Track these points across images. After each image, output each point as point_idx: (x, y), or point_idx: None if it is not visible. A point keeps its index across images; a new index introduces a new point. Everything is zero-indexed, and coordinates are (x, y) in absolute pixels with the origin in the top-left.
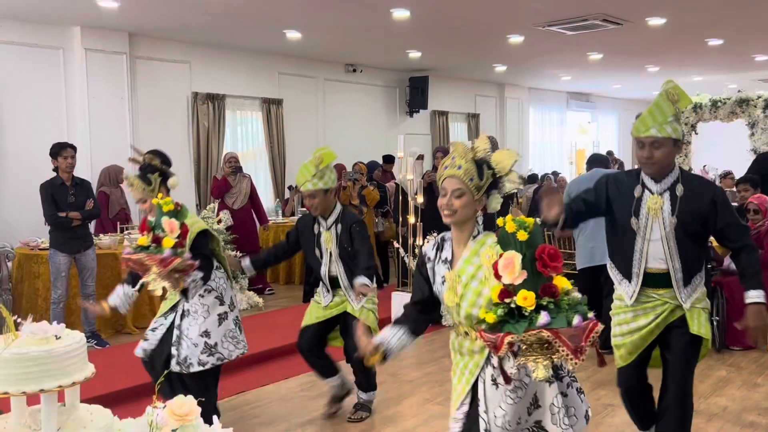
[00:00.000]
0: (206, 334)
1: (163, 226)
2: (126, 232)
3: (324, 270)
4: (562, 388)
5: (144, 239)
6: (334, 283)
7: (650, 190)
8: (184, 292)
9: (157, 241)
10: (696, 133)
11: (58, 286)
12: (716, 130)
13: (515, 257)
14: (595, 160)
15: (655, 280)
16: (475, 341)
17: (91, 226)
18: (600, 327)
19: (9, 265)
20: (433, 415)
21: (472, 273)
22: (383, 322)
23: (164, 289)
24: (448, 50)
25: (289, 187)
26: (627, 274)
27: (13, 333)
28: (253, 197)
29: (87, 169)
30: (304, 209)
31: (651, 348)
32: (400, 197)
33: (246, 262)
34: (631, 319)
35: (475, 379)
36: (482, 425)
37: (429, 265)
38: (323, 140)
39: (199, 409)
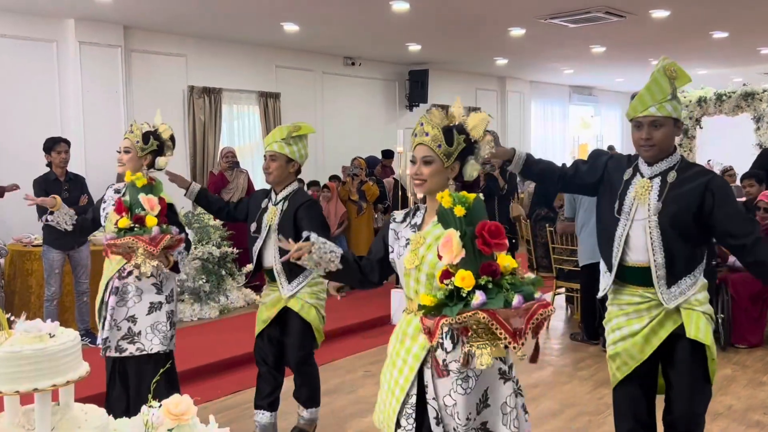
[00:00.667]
0: (132, 319)
1: (142, 204)
2: None
3: (256, 247)
4: (516, 389)
5: (124, 220)
6: (269, 274)
7: (641, 173)
8: (175, 268)
9: (140, 220)
10: (700, 128)
11: (51, 283)
12: (721, 125)
13: (453, 235)
14: (593, 155)
15: (635, 276)
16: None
17: None
18: (549, 309)
19: (1, 262)
20: None
21: (438, 235)
22: (381, 320)
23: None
24: (449, 43)
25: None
26: (609, 265)
27: (6, 331)
28: (251, 193)
29: (81, 164)
30: None
31: (653, 366)
32: (399, 193)
33: (196, 187)
34: (624, 323)
35: (421, 365)
36: (431, 412)
37: (392, 226)
38: (321, 134)
39: (195, 409)
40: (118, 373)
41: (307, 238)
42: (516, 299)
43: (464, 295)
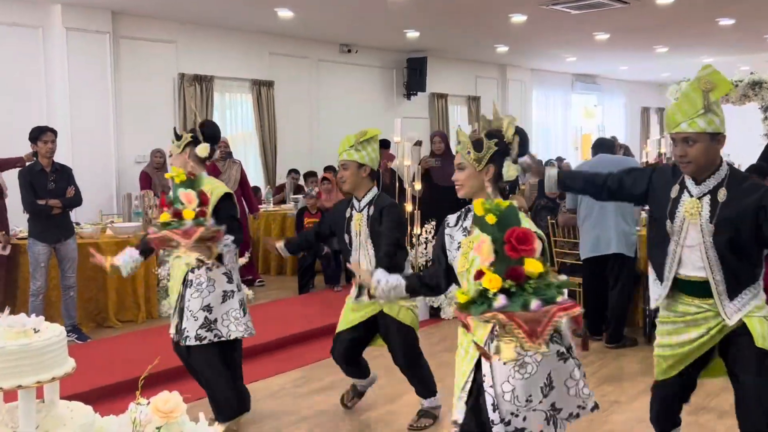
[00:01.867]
0: (208, 308)
1: (181, 199)
2: (109, 220)
3: (354, 258)
4: (576, 365)
5: (165, 215)
6: None
7: (690, 192)
8: (219, 258)
9: (178, 215)
10: None
11: (37, 277)
12: (727, 115)
13: (486, 240)
14: (600, 145)
15: (693, 288)
16: None
17: (73, 214)
18: (571, 311)
19: None
20: None
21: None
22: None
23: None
24: (448, 30)
25: (290, 171)
26: (660, 275)
27: None
28: (243, 184)
29: (68, 154)
30: (297, 197)
31: (704, 359)
32: (397, 184)
33: (280, 244)
34: (682, 329)
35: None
36: (489, 399)
37: (447, 231)
38: (316, 124)
39: (185, 406)
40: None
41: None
42: (534, 303)
43: (490, 296)
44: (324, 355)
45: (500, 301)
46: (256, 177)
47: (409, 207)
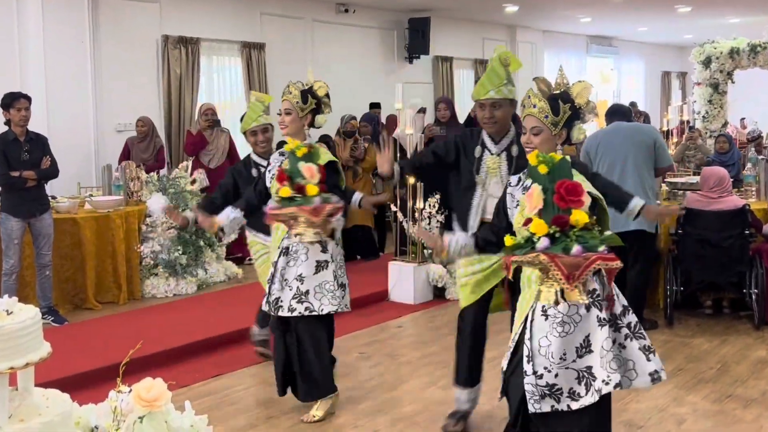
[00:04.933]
0: (300, 278)
1: (302, 173)
2: (88, 193)
3: (476, 203)
4: (618, 338)
5: (285, 190)
6: None
7: (489, 151)
8: (332, 234)
9: (300, 190)
10: (732, 82)
11: (10, 255)
12: (756, 79)
13: (536, 189)
14: (615, 112)
15: None
16: (534, 271)
17: (48, 187)
18: (610, 262)
19: None
20: (434, 400)
21: None
22: (378, 297)
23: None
24: None
25: (280, 144)
26: (464, 227)
27: None
28: (232, 155)
29: (43, 122)
30: None
31: (492, 290)
32: (398, 154)
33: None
34: (476, 260)
35: (529, 310)
36: (525, 351)
37: (509, 191)
38: None
39: (170, 394)
40: (282, 332)
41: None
42: (575, 248)
43: (536, 240)
44: None
45: (543, 242)
46: (245, 148)
47: (411, 179)
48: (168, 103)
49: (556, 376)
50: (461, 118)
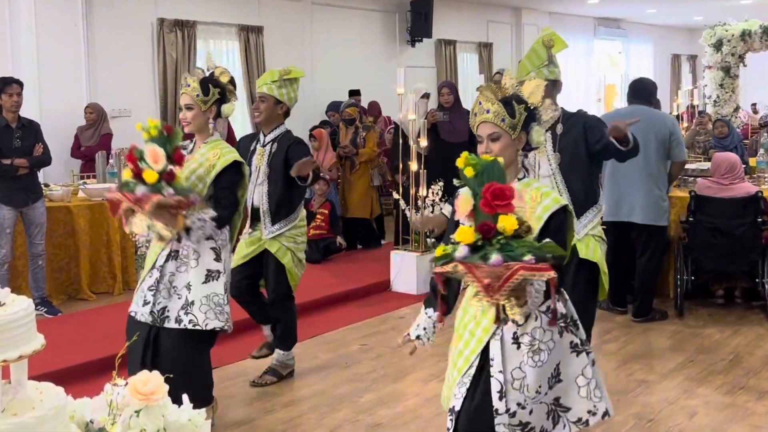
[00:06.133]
0: (188, 286)
1: (146, 157)
2: (81, 180)
3: (250, 190)
4: (590, 362)
5: (128, 173)
6: (255, 213)
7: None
8: (187, 231)
9: (138, 175)
10: (744, 65)
11: (2, 244)
12: None
13: (464, 194)
14: (637, 93)
15: None
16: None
17: (41, 174)
18: (537, 272)
19: None
20: (438, 393)
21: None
22: (380, 287)
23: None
24: None
25: None
26: None
27: None
28: (230, 140)
29: (35, 108)
30: None
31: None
32: (400, 140)
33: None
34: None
35: (489, 338)
36: (495, 386)
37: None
38: (310, 74)
39: (167, 387)
40: (153, 345)
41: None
42: (494, 258)
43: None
44: (319, 331)
45: (461, 251)
46: (244, 132)
47: (414, 166)
48: (164, 88)
49: (531, 413)
50: (465, 104)
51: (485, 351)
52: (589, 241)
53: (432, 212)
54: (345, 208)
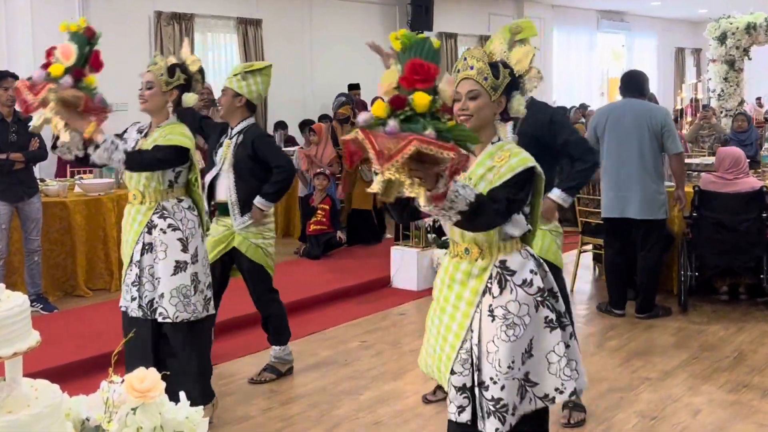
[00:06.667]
0: (159, 279)
1: (57, 53)
2: (78, 175)
3: (208, 178)
4: (565, 338)
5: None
6: (223, 208)
7: None
8: (92, 145)
9: (45, 67)
10: (749, 59)
11: None
12: None
13: (390, 69)
14: (629, 85)
15: None
16: (474, 262)
17: (37, 169)
18: (437, 150)
19: None
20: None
21: (482, 174)
22: (380, 283)
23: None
24: None
25: (276, 126)
26: None
27: None
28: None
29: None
30: (287, 149)
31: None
32: None
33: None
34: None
35: (474, 311)
36: (467, 357)
37: None
38: (309, 68)
39: (164, 385)
40: (152, 339)
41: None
42: (390, 125)
43: None
44: (318, 328)
45: (361, 117)
46: None
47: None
48: None
49: (503, 388)
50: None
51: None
52: (544, 236)
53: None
54: (348, 201)
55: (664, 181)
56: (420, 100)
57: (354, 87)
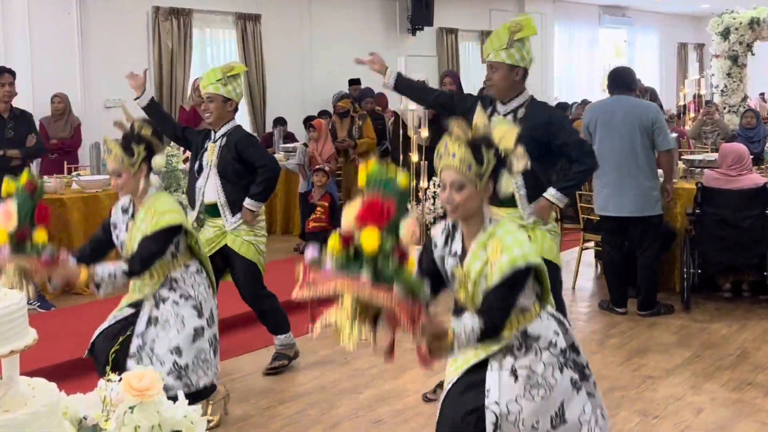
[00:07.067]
0: (177, 351)
1: None
2: (75, 172)
3: (200, 185)
4: (590, 389)
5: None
6: (213, 208)
7: (498, 112)
8: (94, 286)
9: None
10: (752, 54)
11: None
12: None
13: (353, 202)
14: (617, 82)
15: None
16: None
17: (34, 165)
18: (360, 294)
19: None
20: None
21: (480, 269)
22: None
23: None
24: None
25: (276, 123)
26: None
27: None
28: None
29: (28, 98)
30: (286, 145)
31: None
32: (400, 130)
33: (149, 94)
34: None
35: (485, 371)
36: (490, 417)
37: (437, 253)
38: (308, 63)
39: (162, 383)
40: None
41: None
42: (326, 265)
43: None
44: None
45: (308, 254)
46: (242, 121)
47: (414, 157)
48: (159, 77)
49: None
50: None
51: (483, 380)
52: (544, 236)
53: (433, 204)
54: (347, 197)
55: (657, 177)
56: (367, 240)
57: (354, 82)
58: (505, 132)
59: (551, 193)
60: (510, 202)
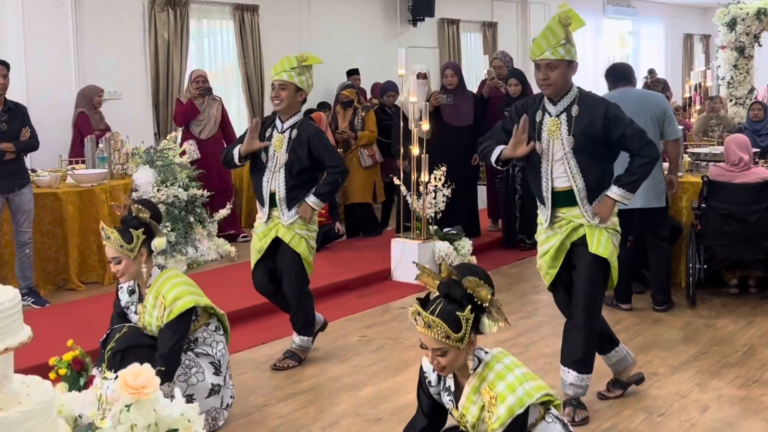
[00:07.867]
0: (190, 399)
1: None
2: (70, 166)
3: (267, 178)
4: None
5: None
6: (272, 199)
7: (549, 113)
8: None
9: None
10: (759, 45)
11: None
12: None
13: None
14: (618, 76)
15: (561, 199)
16: None
17: (28, 159)
18: None
19: None
20: None
21: (477, 415)
22: (380, 276)
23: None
24: None
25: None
26: (541, 199)
27: None
28: (225, 125)
29: (21, 90)
30: None
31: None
32: (401, 123)
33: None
34: (544, 240)
35: None
36: None
37: (433, 390)
38: None
39: (158, 381)
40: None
41: None
42: None
43: None
44: None
45: None
46: (238, 117)
47: (415, 150)
48: (155, 69)
49: None
50: (470, 85)
51: None
52: (601, 234)
53: (434, 198)
54: (345, 194)
55: (662, 170)
56: None
57: (353, 72)
58: (475, 284)
59: (614, 191)
60: (570, 201)
